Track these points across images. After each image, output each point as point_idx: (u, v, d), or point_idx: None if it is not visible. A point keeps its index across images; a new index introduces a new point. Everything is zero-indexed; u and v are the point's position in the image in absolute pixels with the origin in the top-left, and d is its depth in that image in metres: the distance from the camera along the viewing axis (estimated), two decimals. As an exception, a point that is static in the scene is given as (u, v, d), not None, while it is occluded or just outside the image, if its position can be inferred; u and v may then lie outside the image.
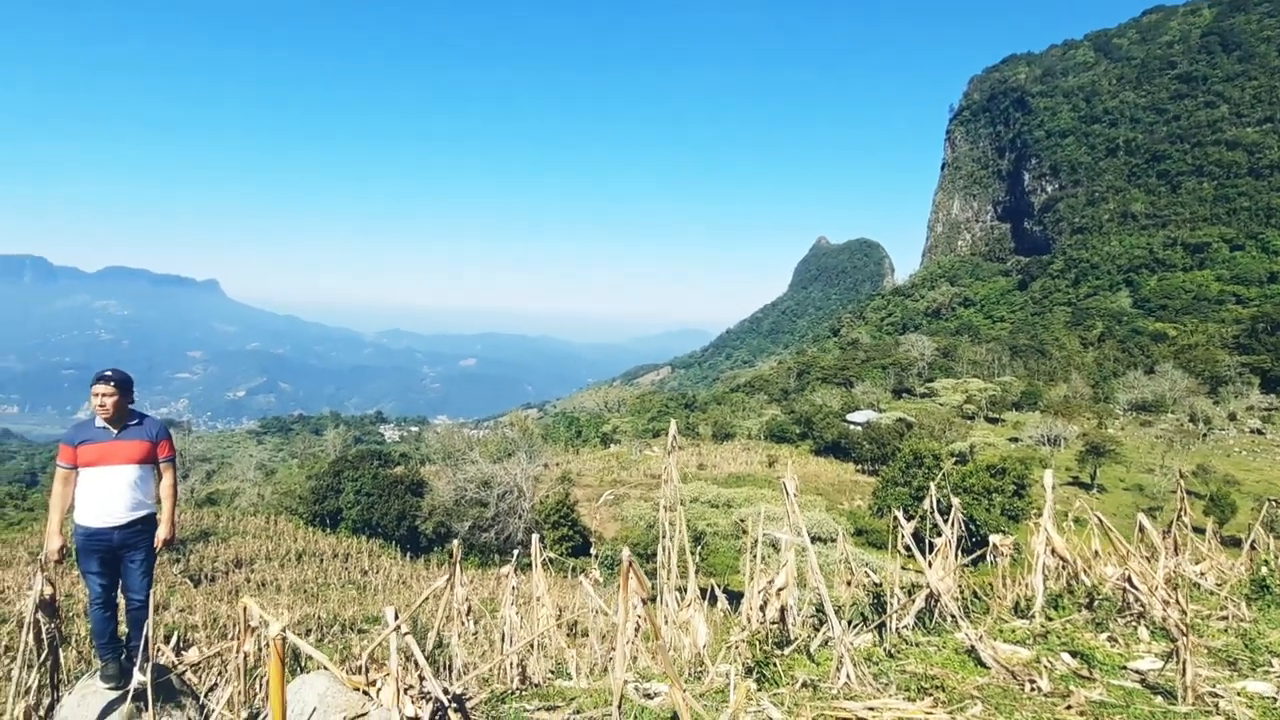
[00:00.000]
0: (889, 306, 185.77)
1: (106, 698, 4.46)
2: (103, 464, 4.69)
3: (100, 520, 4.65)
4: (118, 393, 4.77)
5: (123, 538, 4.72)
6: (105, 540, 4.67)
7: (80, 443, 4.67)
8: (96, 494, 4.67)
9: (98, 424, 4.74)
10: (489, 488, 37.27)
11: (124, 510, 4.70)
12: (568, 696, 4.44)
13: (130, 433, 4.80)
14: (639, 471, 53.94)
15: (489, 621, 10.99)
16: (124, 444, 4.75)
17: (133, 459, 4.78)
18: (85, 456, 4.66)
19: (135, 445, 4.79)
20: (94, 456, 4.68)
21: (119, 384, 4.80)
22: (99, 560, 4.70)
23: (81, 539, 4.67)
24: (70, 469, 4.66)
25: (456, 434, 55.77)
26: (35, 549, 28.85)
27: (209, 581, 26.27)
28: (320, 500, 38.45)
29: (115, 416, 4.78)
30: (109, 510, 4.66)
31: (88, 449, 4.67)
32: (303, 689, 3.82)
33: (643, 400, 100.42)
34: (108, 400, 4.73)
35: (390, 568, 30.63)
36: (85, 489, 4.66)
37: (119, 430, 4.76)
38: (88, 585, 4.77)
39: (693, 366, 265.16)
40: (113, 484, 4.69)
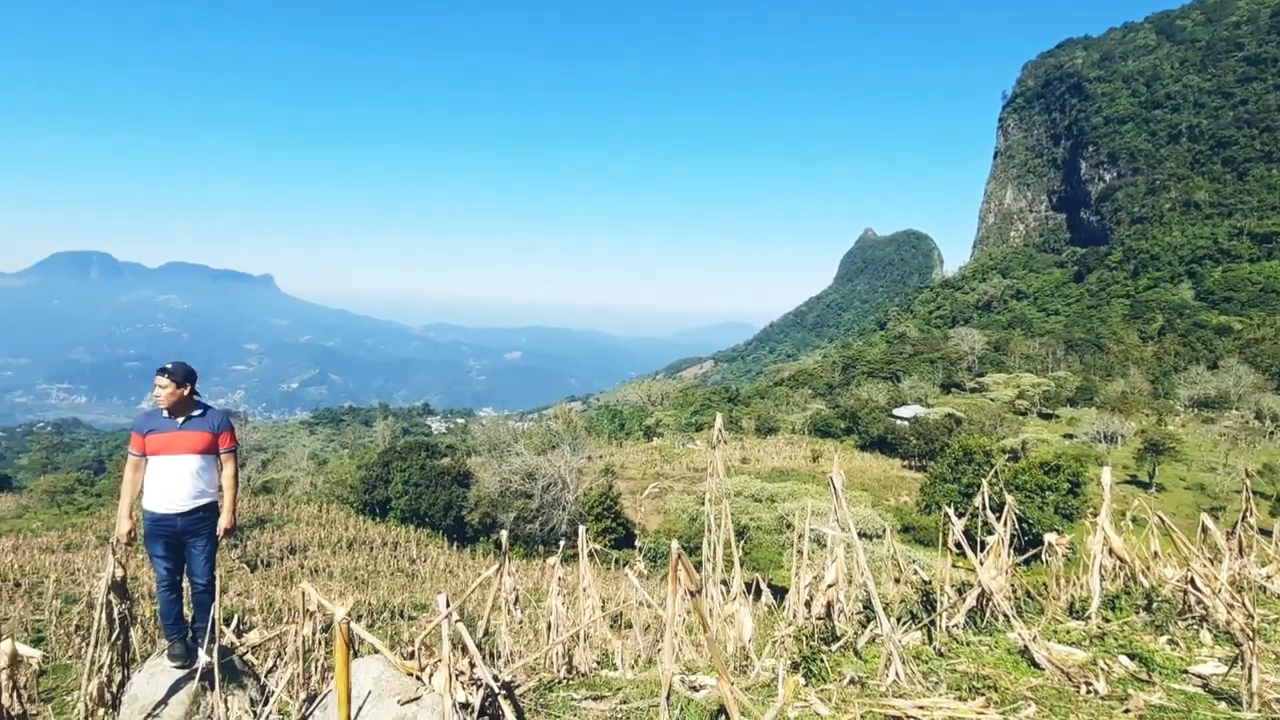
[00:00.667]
0: (938, 299, 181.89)
1: (173, 676, 4.66)
2: (167, 453, 4.90)
3: (165, 506, 4.86)
4: (174, 384, 4.96)
5: (186, 524, 4.92)
6: (170, 526, 4.88)
7: (148, 431, 4.89)
8: (162, 481, 4.88)
9: (164, 414, 4.94)
10: (533, 479, 37.68)
11: (187, 498, 4.90)
12: (614, 687, 4.48)
13: (193, 423, 4.99)
14: (682, 465, 53.92)
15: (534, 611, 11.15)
16: (187, 434, 4.95)
17: (195, 449, 4.97)
18: (152, 445, 4.87)
19: (198, 436, 4.99)
20: (160, 445, 4.89)
21: (176, 376, 5.00)
22: (164, 544, 4.91)
23: (148, 524, 4.89)
24: (140, 456, 4.88)
25: (502, 426, 56.45)
26: (103, 533, 30.17)
27: (264, 567, 27.11)
28: (370, 490, 39.34)
29: (176, 407, 4.98)
30: (173, 497, 4.87)
31: (155, 438, 4.88)
32: (358, 672, 3.93)
33: (686, 394, 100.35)
34: (163, 392, 4.94)
35: (437, 557, 31.19)
36: (152, 476, 4.87)
37: (183, 421, 4.96)
38: (154, 568, 4.99)
39: (736, 360, 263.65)
40: (177, 472, 4.90)
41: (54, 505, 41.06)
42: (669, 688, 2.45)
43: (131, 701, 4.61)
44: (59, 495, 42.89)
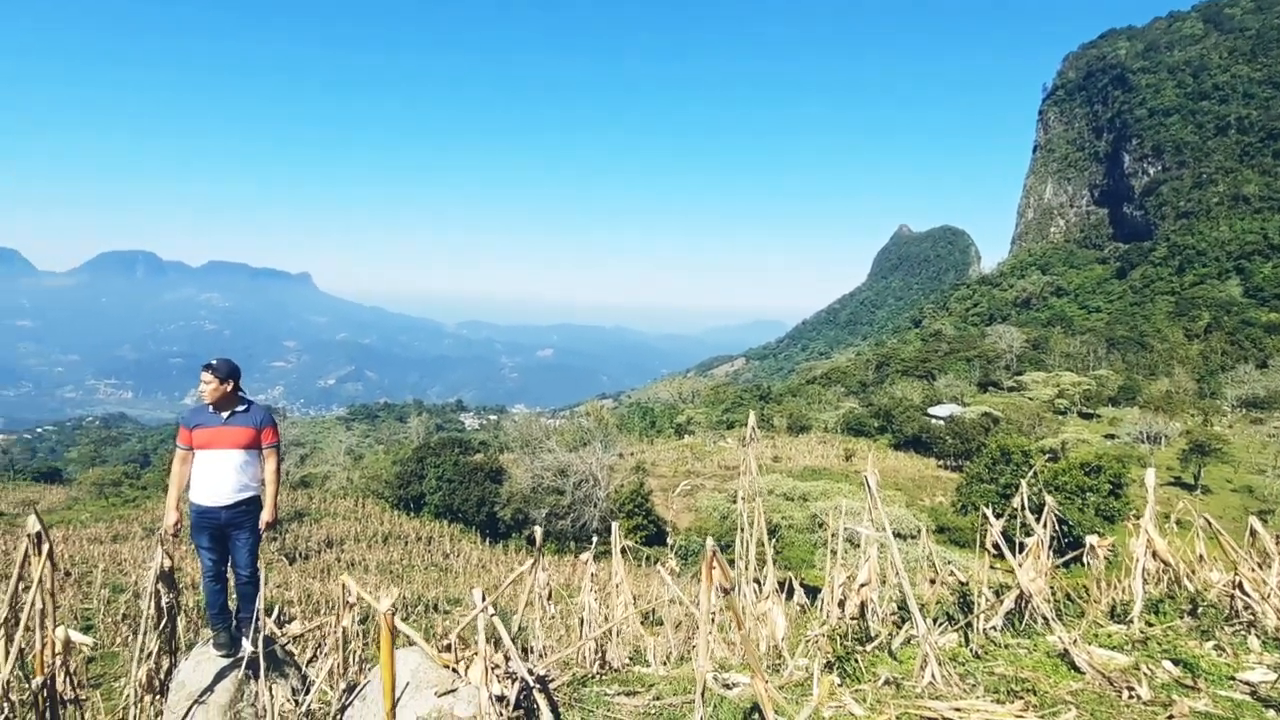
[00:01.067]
0: (975, 296, 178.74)
1: (219, 664, 4.80)
2: (212, 447, 5.04)
3: (209, 499, 5.00)
4: (218, 380, 5.10)
5: (229, 517, 5.05)
6: (214, 518, 5.02)
7: (195, 426, 5.03)
8: (206, 475, 5.02)
9: (209, 409, 5.09)
10: (565, 476, 37.90)
11: (230, 491, 5.03)
12: (646, 683, 4.50)
13: (237, 419, 5.12)
14: (713, 463, 53.80)
15: (565, 607, 11.23)
16: (231, 429, 5.08)
17: (239, 444, 5.10)
18: (198, 439, 5.01)
19: (241, 431, 5.11)
20: (205, 440, 5.03)
21: (220, 372, 5.13)
22: (209, 536, 5.06)
23: (194, 516, 5.03)
24: (187, 450, 5.03)
25: (534, 423, 56.82)
26: (149, 525, 31.02)
27: (303, 559, 27.65)
28: (405, 485, 39.92)
29: (220, 403, 5.12)
30: (217, 490, 5.00)
31: (201, 432, 5.02)
32: (396, 664, 4.00)
33: (717, 392, 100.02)
34: (207, 387, 5.08)
35: (470, 552, 31.54)
36: (198, 470, 5.02)
37: (228, 416, 5.09)
38: (200, 559, 5.14)
39: (768, 358, 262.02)
40: (221, 466, 5.03)
41: (102, 497, 42.34)
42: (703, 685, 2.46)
43: (179, 688, 4.76)
44: (107, 488, 44.20)
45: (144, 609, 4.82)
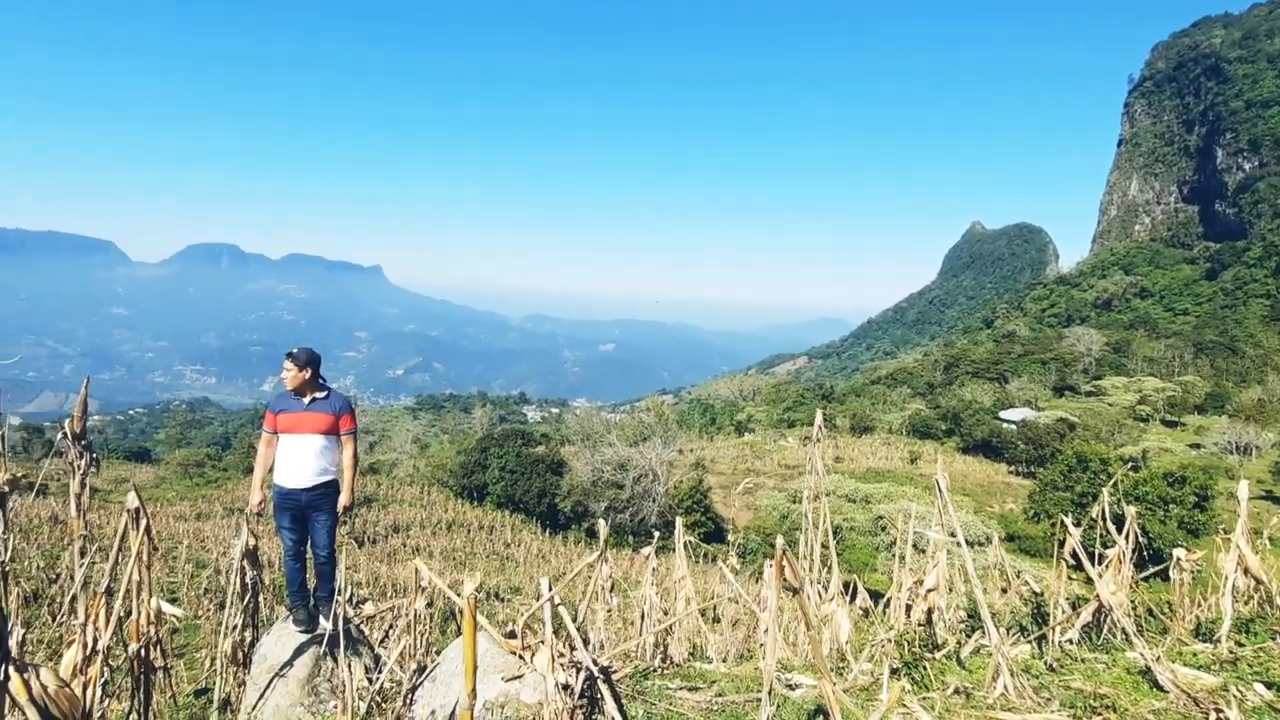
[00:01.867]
0: (1051, 296, 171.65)
1: (298, 640, 5.01)
2: (294, 432, 5.26)
3: (291, 481, 5.22)
4: (297, 368, 5.32)
5: (309, 499, 5.27)
6: (295, 500, 5.24)
7: (279, 411, 5.27)
8: (289, 458, 5.25)
9: (293, 395, 5.32)
10: (625, 470, 38.11)
11: (310, 475, 5.25)
12: (708, 679, 4.50)
13: (317, 405, 5.34)
14: (773, 461, 53.29)
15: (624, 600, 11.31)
16: (311, 415, 5.29)
17: (318, 429, 5.31)
18: (282, 424, 5.25)
19: (320, 418, 5.32)
20: (288, 424, 5.26)
21: (299, 360, 5.35)
22: (290, 517, 5.28)
23: (277, 497, 5.26)
24: (271, 434, 5.26)
25: (595, 417, 57.29)
26: (229, 504, 32.51)
27: (370, 544, 28.56)
28: (468, 474, 40.78)
29: (301, 389, 5.35)
30: (298, 473, 5.22)
31: (284, 417, 5.25)
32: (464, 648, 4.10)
33: (778, 390, 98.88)
34: (288, 375, 5.31)
35: (530, 542, 32.03)
36: (281, 453, 5.24)
37: (309, 402, 5.31)
38: (281, 539, 5.37)
39: (831, 357, 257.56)
40: (302, 450, 5.24)
41: (186, 477, 44.60)
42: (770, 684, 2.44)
43: (261, 660, 4.99)
44: (191, 468, 46.54)
45: (230, 584, 5.06)
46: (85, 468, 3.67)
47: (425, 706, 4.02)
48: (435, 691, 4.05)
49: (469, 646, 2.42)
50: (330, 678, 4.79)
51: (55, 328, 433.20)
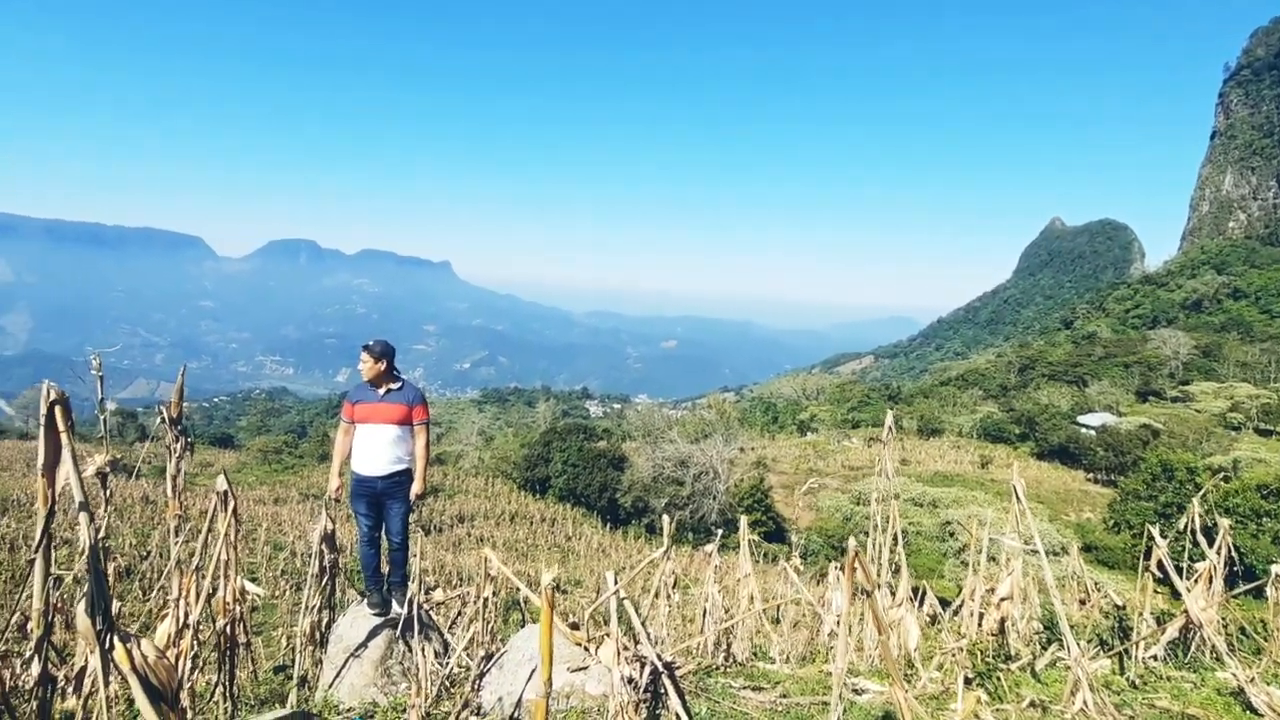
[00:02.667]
0: (1136, 297, 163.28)
1: (372, 622, 5.19)
2: (371, 421, 5.45)
3: (367, 469, 5.41)
4: (373, 359, 5.50)
5: (384, 487, 5.46)
6: (371, 487, 5.43)
7: (357, 401, 5.46)
8: (365, 447, 5.44)
9: (369, 386, 5.51)
10: (686, 467, 38.06)
11: (386, 463, 5.43)
12: (772, 679, 4.46)
13: (392, 396, 5.52)
14: (836, 462, 52.38)
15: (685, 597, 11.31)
16: (386, 406, 5.48)
17: (392, 419, 5.49)
18: (359, 414, 5.44)
19: (395, 408, 5.51)
20: (364, 414, 5.45)
21: (375, 352, 5.53)
22: (366, 503, 5.48)
23: (354, 484, 5.46)
24: (349, 423, 5.46)
25: (656, 413, 57.41)
26: (305, 490, 33.81)
27: (436, 532, 29.28)
28: (531, 467, 41.39)
29: (376, 380, 5.54)
30: (374, 462, 5.41)
31: (361, 407, 5.44)
32: (530, 637, 4.19)
33: (843, 389, 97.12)
34: (364, 366, 5.50)
35: (591, 536, 32.31)
36: (358, 441, 5.44)
37: (384, 393, 5.49)
38: (357, 525, 5.57)
39: (898, 356, 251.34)
40: (378, 439, 5.43)
41: (266, 463, 46.58)
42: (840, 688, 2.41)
43: (337, 641, 5.19)
44: (270, 454, 48.57)
45: (310, 567, 5.28)
46: (181, 451, 3.87)
47: (493, 693, 4.11)
48: (502, 678, 4.14)
49: (546, 636, 2.47)
50: (402, 660, 4.94)
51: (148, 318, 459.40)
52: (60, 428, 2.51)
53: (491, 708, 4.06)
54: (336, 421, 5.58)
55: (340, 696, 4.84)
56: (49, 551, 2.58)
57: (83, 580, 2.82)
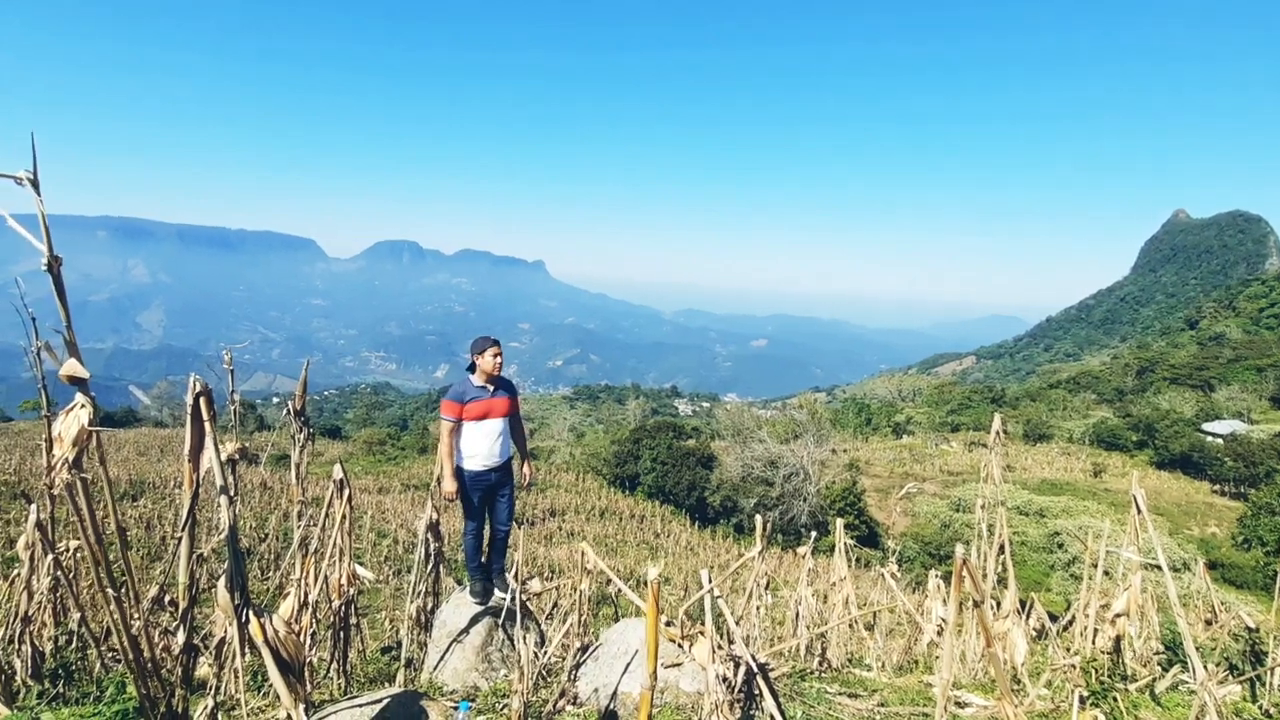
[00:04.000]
0: (1272, 295, 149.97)
1: (473, 610, 5.41)
2: (487, 417, 5.64)
3: (484, 463, 5.62)
4: (500, 355, 5.73)
5: (499, 478, 5.69)
6: (486, 480, 5.65)
7: (469, 400, 5.66)
8: (480, 443, 5.64)
9: (477, 384, 5.68)
10: (775, 468, 37.59)
11: (499, 455, 5.66)
12: (869, 687, 4.37)
13: (500, 391, 5.73)
14: (934, 466, 50.55)
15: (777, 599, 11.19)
16: (498, 400, 5.69)
17: (503, 413, 5.71)
18: (472, 412, 5.62)
19: (504, 401, 5.72)
20: (480, 412, 5.64)
21: (499, 348, 5.76)
22: (479, 496, 5.70)
23: (469, 480, 5.66)
24: (456, 422, 5.65)
25: (746, 412, 56.85)
26: (407, 481, 35.29)
27: (528, 525, 30.00)
28: (621, 464, 41.81)
29: (492, 376, 5.76)
30: (490, 455, 5.63)
31: (475, 405, 5.63)
32: (626, 631, 4.26)
33: (941, 391, 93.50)
34: (498, 360, 5.68)
35: (680, 533, 32.35)
36: (473, 438, 5.62)
37: (494, 389, 5.70)
38: (467, 516, 5.77)
39: (1002, 357, 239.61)
40: (492, 434, 5.64)
41: (370, 454, 48.89)
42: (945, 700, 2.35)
43: (441, 626, 5.43)
44: (374, 446, 50.95)
45: (415, 554, 5.53)
46: (304, 441, 4.14)
47: (589, 683, 4.20)
48: (598, 670, 4.23)
49: (651, 630, 2.52)
50: (501, 648, 5.13)
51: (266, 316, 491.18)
52: (204, 417, 2.74)
53: (588, 698, 4.16)
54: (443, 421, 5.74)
55: (444, 679, 5.06)
56: (194, 531, 2.83)
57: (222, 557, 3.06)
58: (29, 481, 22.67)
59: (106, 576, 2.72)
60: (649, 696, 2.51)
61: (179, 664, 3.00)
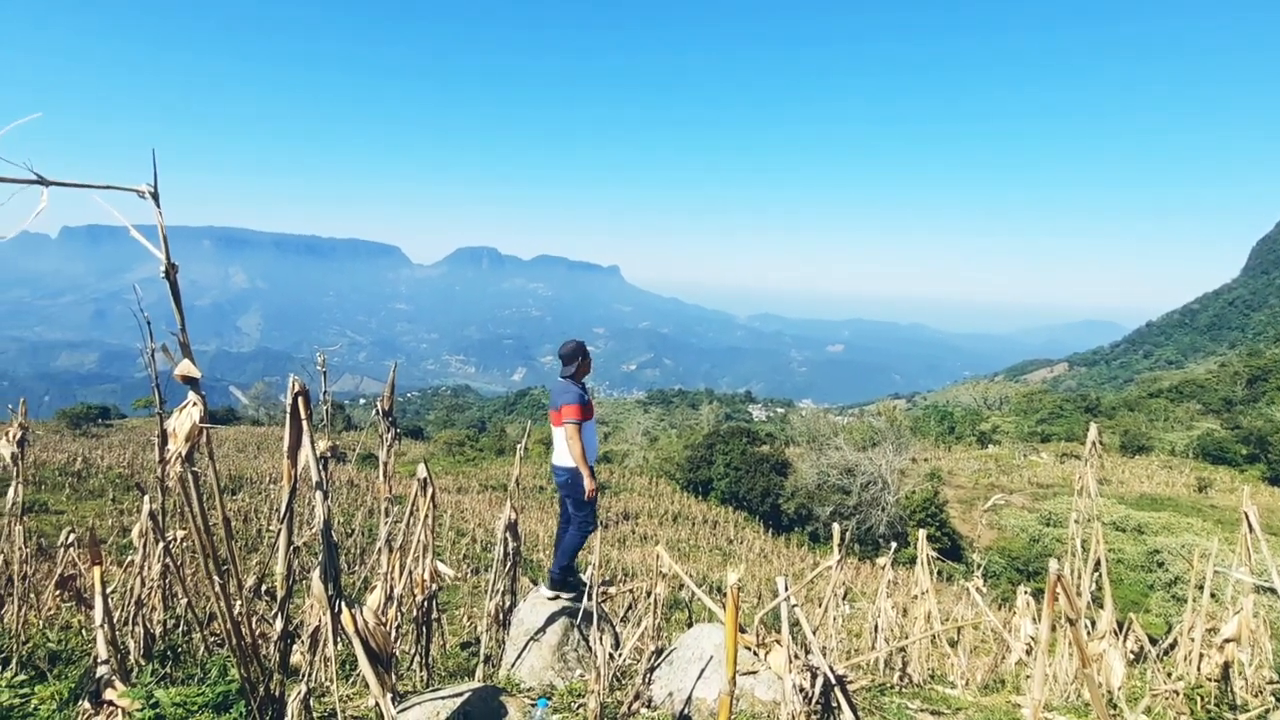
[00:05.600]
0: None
1: (550, 609, 5.50)
2: (592, 418, 5.83)
3: (593, 460, 5.79)
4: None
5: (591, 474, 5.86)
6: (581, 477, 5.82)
7: (588, 401, 5.84)
8: (591, 440, 5.82)
9: (585, 386, 5.90)
10: (852, 476, 36.76)
11: (596, 454, 5.82)
12: (952, 705, 4.23)
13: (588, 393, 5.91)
14: (1021, 478, 48.39)
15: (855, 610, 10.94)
16: (592, 402, 5.87)
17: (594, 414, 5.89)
18: (588, 412, 5.80)
19: (593, 403, 5.89)
20: (591, 412, 5.84)
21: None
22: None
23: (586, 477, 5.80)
24: (579, 424, 5.82)
25: (822, 418, 55.85)
26: (484, 481, 36.13)
27: (602, 528, 30.29)
28: (694, 469, 41.69)
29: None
30: (593, 454, 5.79)
31: (590, 406, 5.82)
32: (701, 637, 4.25)
33: (1030, 399, 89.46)
34: (591, 362, 5.87)
35: (753, 540, 32.04)
36: (590, 437, 5.80)
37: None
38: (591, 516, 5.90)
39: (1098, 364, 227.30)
40: (594, 433, 5.82)
41: (450, 454, 50.27)
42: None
43: (519, 624, 5.55)
44: (454, 447, 52.37)
45: (494, 553, 5.67)
46: (391, 440, 4.31)
47: (663, 687, 4.21)
48: (672, 675, 4.24)
49: (731, 636, 2.52)
50: (577, 648, 5.19)
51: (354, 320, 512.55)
52: (302, 416, 2.89)
53: (661, 701, 4.16)
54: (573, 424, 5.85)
55: (521, 676, 5.16)
56: (291, 524, 2.98)
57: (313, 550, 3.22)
58: (142, 474, 24.28)
59: (212, 564, 2.90)
60: (728, 702, 2.50)
61: (276, 650, 3.16)
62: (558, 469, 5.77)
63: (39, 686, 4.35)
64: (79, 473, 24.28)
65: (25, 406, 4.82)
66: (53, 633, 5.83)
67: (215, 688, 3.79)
